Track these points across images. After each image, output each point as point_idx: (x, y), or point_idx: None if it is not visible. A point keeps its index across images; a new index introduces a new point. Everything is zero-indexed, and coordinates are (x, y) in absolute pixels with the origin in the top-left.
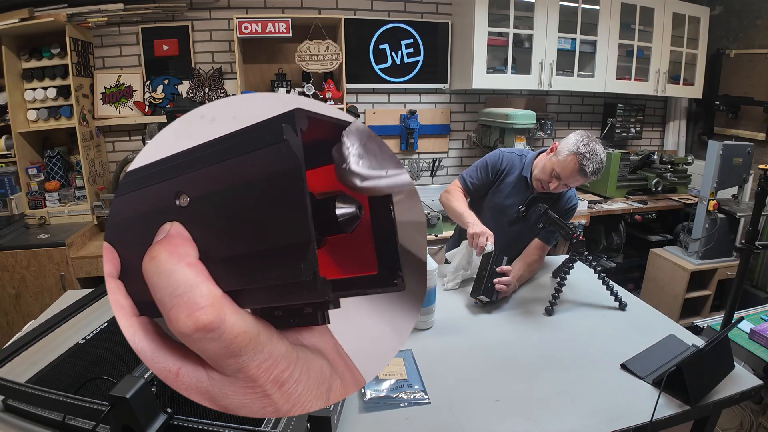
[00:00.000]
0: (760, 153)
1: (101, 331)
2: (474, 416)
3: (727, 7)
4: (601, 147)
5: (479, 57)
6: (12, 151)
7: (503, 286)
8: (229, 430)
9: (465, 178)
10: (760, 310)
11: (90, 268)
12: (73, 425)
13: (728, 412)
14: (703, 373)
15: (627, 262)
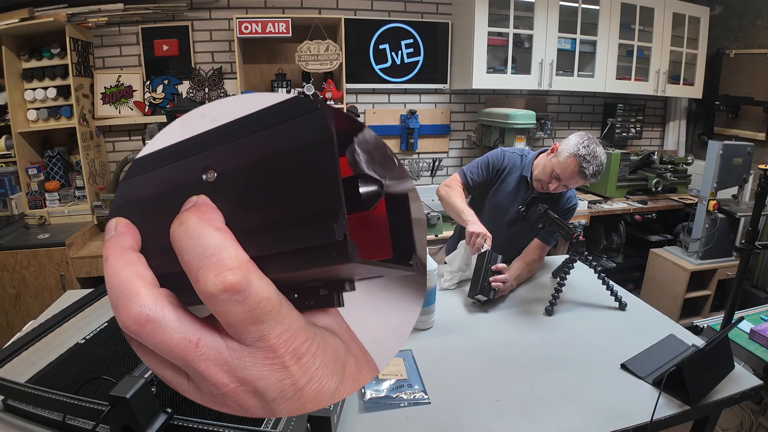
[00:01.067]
0: (760, 153)
1: (101, 331)
2: (474, 416)
3: (727, 7)
4: (602, 149)
5: (479, 57)
6: (12, 151)
7: (500, 284)
8: (229, 430)
9: (466, 173)
10: (760, 310)
11: (90, 268)
12: (73, 425)
13: (728, 412)
14: (703, 373)
15: (627, 262)
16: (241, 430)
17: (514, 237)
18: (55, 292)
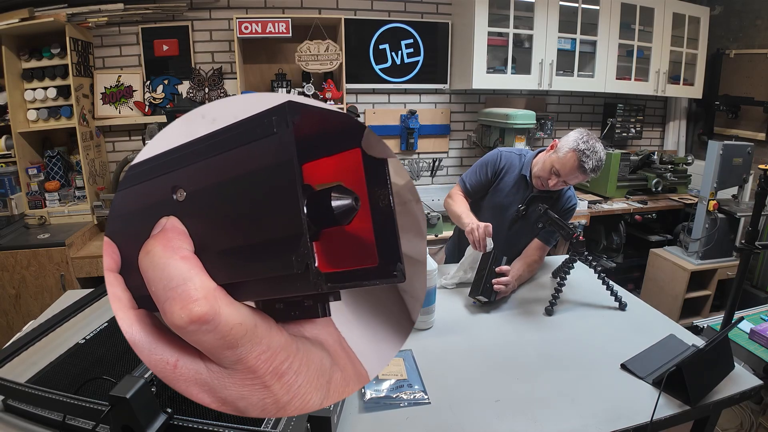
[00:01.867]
0: (760, 153)
1: (101, 331)
2: (474, 416)
3: (727, 7)
4: (601, 145)
5: (479, 57)
6: (12, 151)
7: (502, 287)
8: (229, 430)
9: (465, 180)
10: (760, 310)
11: (90, 268)
12: (73, 425)
13: (728, 412)
14: (703, 373)
15: (627, 262)
16: (241, 430)
17: (514, 236)
18: (55, 292)
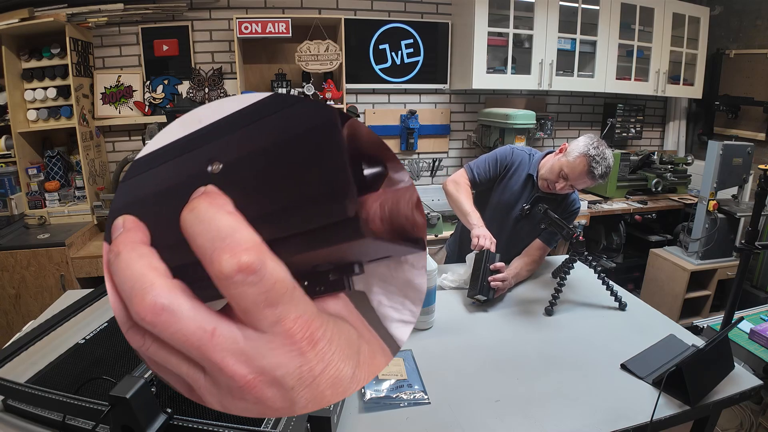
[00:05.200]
0: (760, 153)
1: (101, 331)
2: (474, 416)
3: (727, 7)
4: (610, 152)
5: (479, 57)
6: (12, 151)
7: (499, 283)
8: (229, 430)
9: (472, 169)
10: (760, 310)
11: (90, 268)
12: (73, 425)
13: (728, 412)
14: (703, 373)
15: (627, 262)
16: (241, 430)
17: (517, 235)
18: (55, 292)
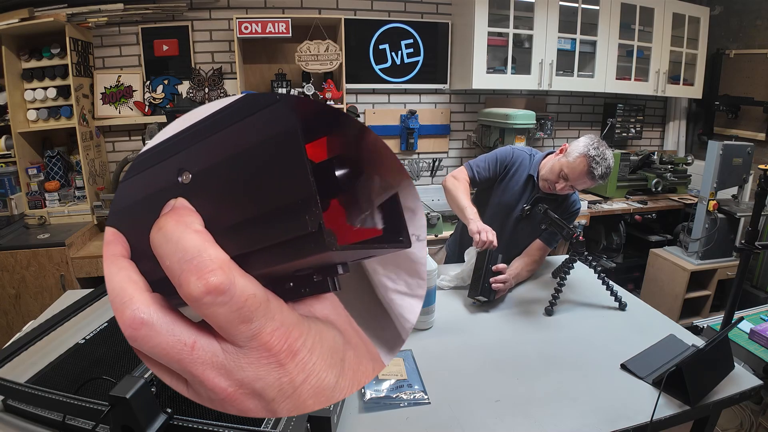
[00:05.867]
0: (760, 153)
1: (101, 331)
2: (474, 416)
3: (727, 7)
4: (611, 152)
5: (479, 57)
6: (12, 151)
7: (500, 285)
8: (229, 430)
9: (473, 167)
10: (760, 310)
11: (90, 268)
12: (73, 425)
13: (728, 412)
14: (703, 373)
15: (627, 262)
16: (241, 430)
17: (517, 236)
18: (55, 292)
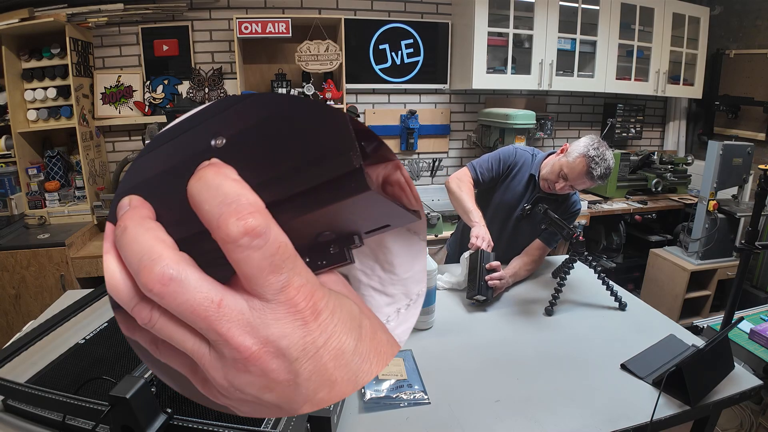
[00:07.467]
0: (760, 153)
1: (101, 331)
2: (474, 416)
3: (727, 7)
4: (611, 153)
5: (479, 57)
6: (12, 151)
7: (496, 282)
8: (228, 430)
9: (476, 168)
10: (760, 310)
11: (90, 268)
12: (73, 425)
13: (728, 412)
14: (703, 373)
15: (627, 262)
16: (241, 430)
17: (518, 235)
18: (55, 292)
